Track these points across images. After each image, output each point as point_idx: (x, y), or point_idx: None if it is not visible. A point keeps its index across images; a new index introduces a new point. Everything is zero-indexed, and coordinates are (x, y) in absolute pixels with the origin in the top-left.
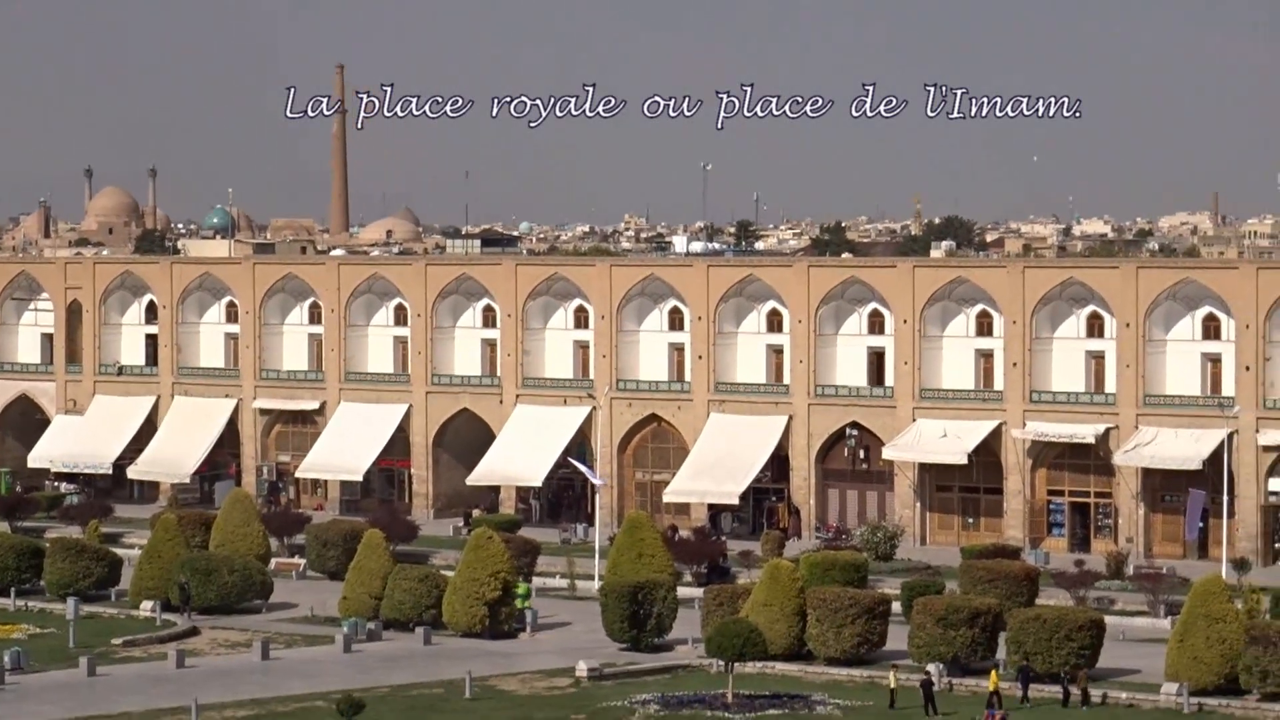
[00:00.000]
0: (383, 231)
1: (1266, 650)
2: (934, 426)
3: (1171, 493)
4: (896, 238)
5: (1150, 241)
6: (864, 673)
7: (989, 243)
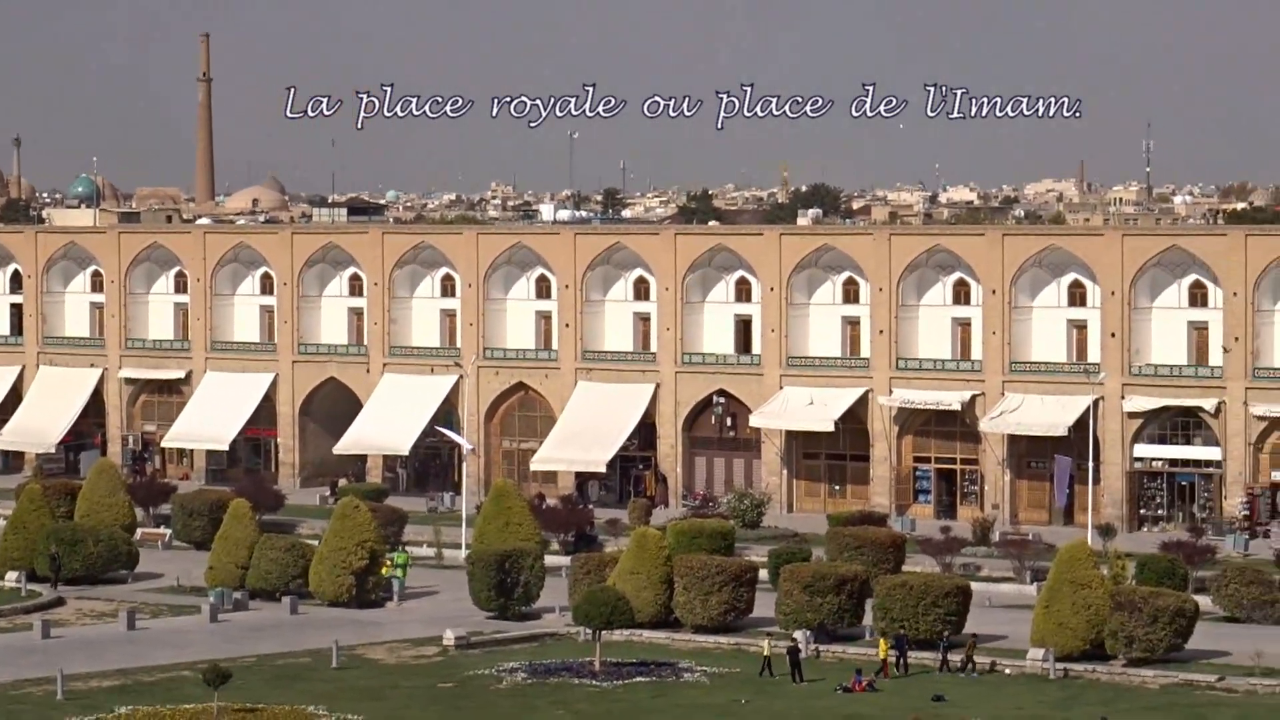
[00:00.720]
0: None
1: (1132, 616)
2: (801, 394)
3: (1037, 459)
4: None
5: (1016, 209)
6: (731, 640)
7: (856, 210)
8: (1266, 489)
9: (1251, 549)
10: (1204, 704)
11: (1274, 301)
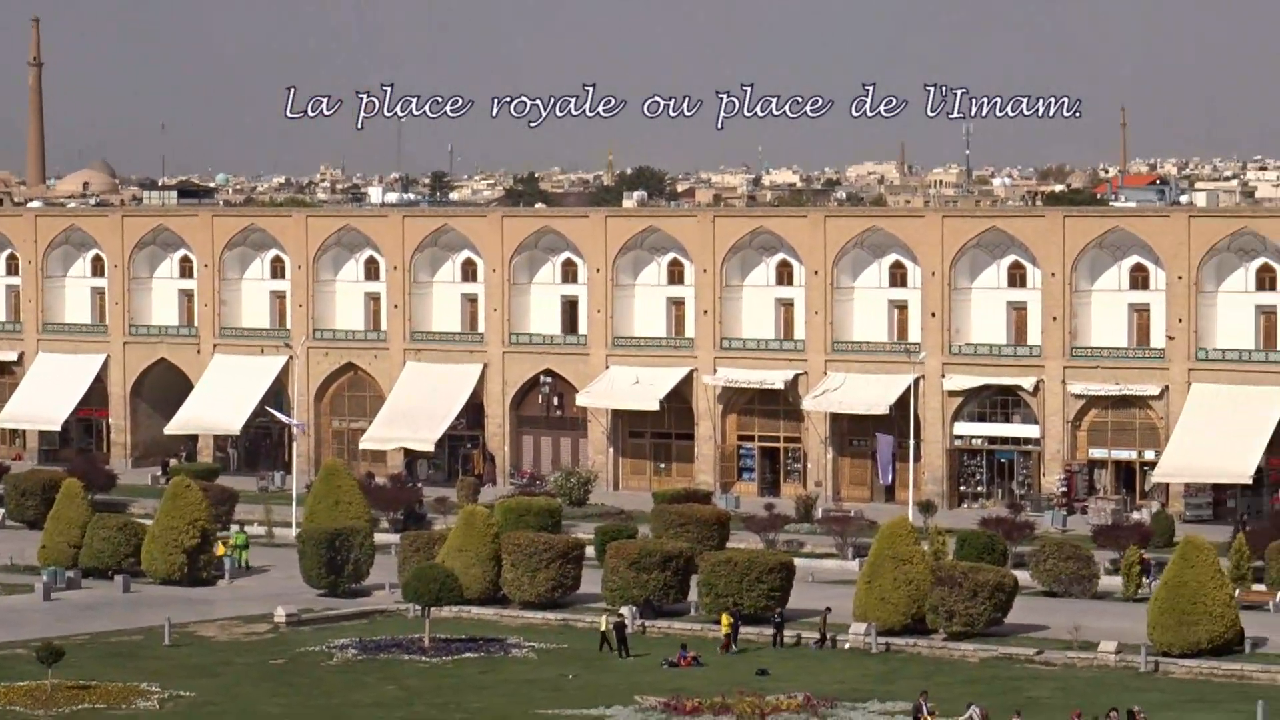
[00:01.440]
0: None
1: (952, 591)
2: (627, 374)
3: (859, 437)
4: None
5: (839, 191)
6: (558, 616)
7: (680, 193)
8: (1084, 466)
9: (1069, 525)
10: (1023, 677)
11: (1091, 282)
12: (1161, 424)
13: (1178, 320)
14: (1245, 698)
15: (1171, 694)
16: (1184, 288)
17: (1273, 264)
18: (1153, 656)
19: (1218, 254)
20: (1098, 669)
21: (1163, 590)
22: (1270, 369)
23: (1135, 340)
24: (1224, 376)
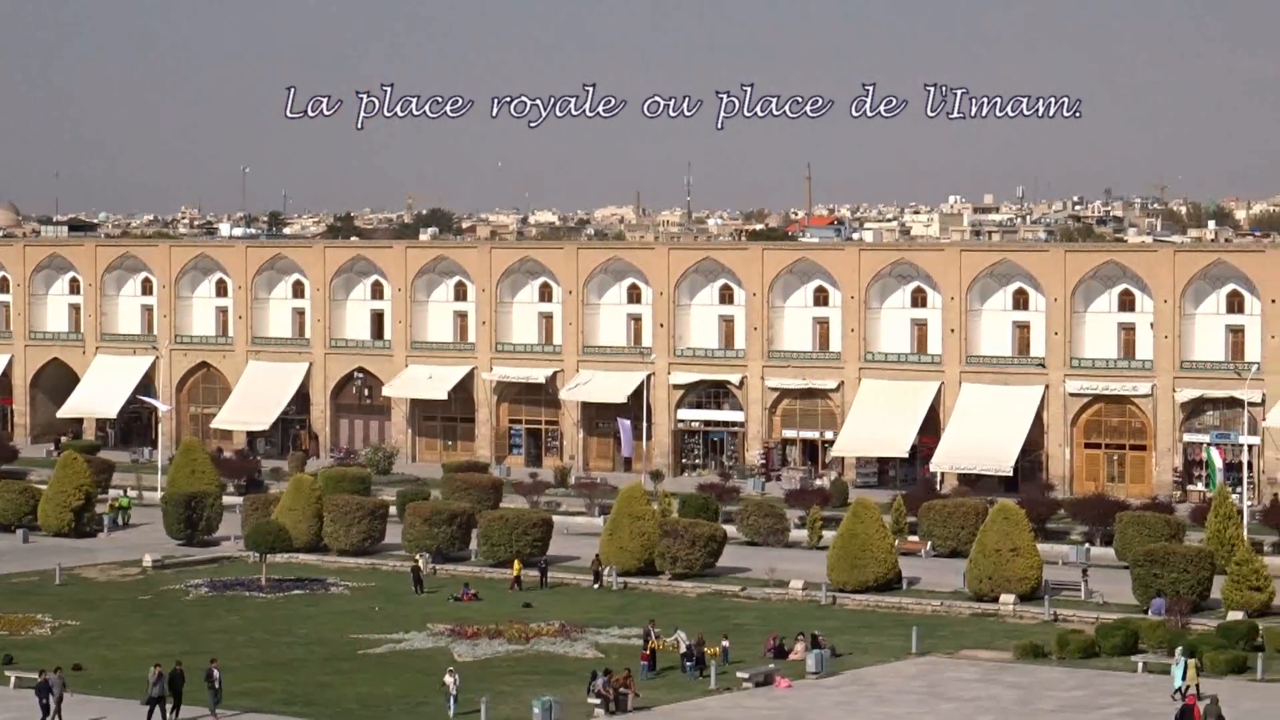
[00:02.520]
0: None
1: (676, 541)
2: (422, 371)
3: (604, 421)
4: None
5: (588, 228)
6: (368, 561)
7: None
8: (778, 444)
9: (767, 490)
10: (730, 609)
11: (784, 300)
12: (838, 410)
13: (850, 330)
14: (903, 624)
15: (845, 622)
16: (856, 305)
17: (924, 286)
18: (831, 592)
19: (881, 278)
20: (789, 602)
21: (839, 540)
22: (922, 368)
23: (818, 345)
24: (886, 374)
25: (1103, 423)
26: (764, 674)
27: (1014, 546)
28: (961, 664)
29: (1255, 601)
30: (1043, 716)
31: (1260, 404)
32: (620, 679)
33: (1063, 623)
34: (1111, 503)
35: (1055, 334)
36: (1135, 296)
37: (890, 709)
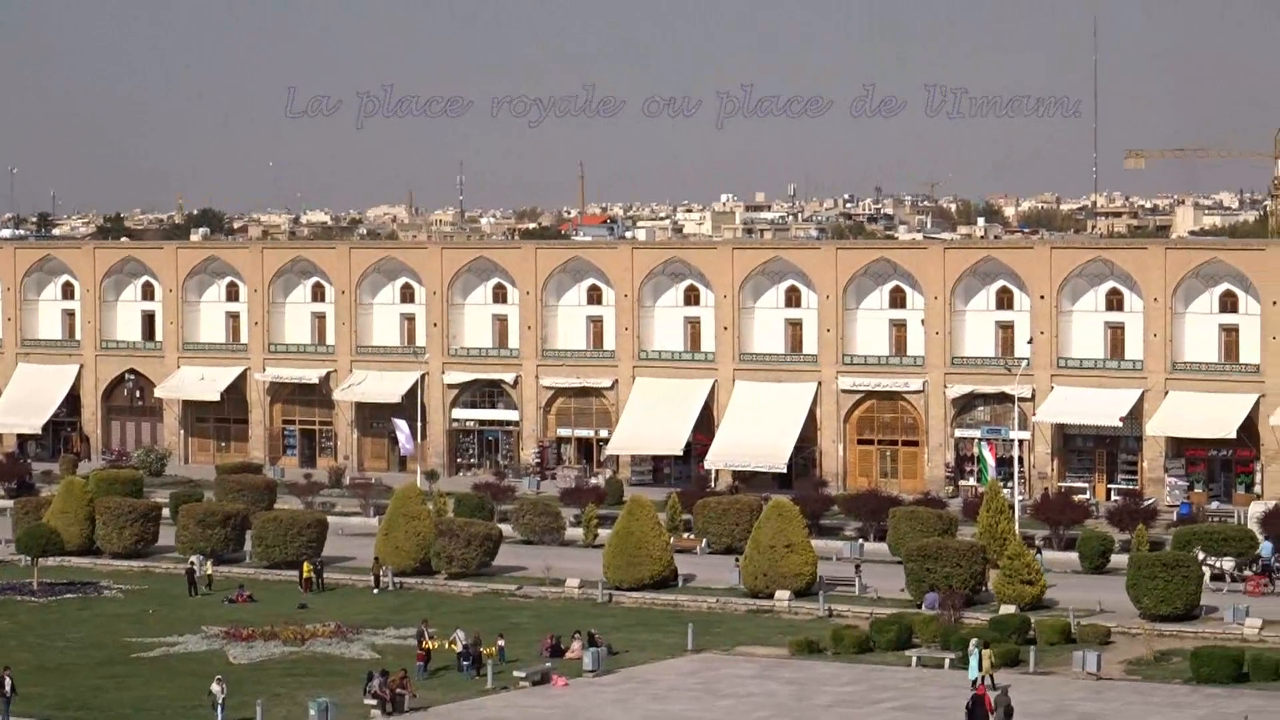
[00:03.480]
0: None
1: (451, 540)
2: (194, 372)
3: (378, 421)
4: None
5: (361, 228)
6: (141, 564)
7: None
8: (553, 442)
9: (542, 488)
10: (507, 607)
11: (558, 298)
12: (613, 409)
13: (624, 328)
14: (679, 622)
15: (622, 619)
16: (630, 303)
17: (697, 285)
18: (607, 590)
19: (655, 277)
20: (565, 600)
21: (615, 538)
22: (695, 366)
23: (592, 343)
24: (660, 372)
25: (875, 419)
26: (541, 673)
27: (788, 543)
28: (737, 660)
29: (1027, 595)
30: (818, 712)
31: (1030, 399)
32: (397, 679)
33: (837, 618)
34: (884, 498)
35: (828, 331)
36: (906, 293)
37: (667, 706)
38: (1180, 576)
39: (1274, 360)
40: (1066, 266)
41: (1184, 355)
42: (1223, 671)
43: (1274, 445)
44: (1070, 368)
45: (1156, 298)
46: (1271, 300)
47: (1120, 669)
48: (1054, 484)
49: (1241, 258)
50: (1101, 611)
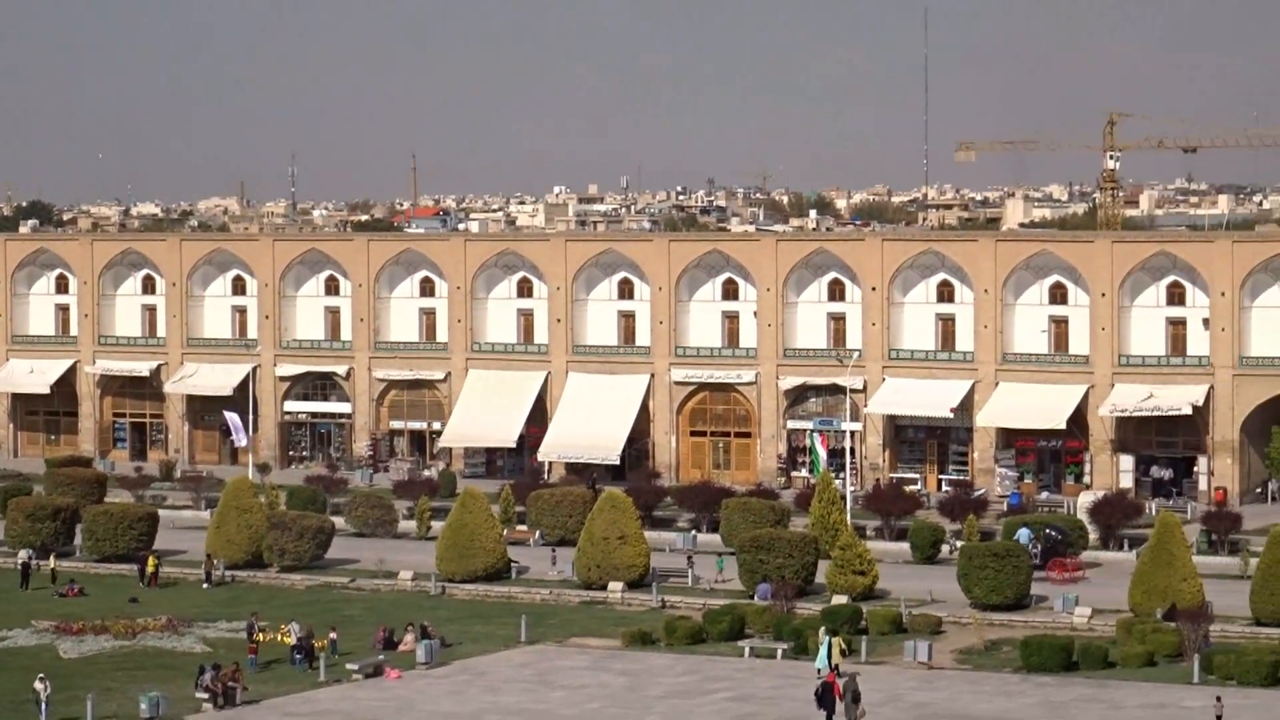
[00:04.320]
0: None
1: (284, 533)
2: (23, 365)
3: (209, 413)
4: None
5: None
6: None
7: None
8: (386, 434)
9: (375, 481)
10: (340, 600)
11: (390, 290)
12: (446, 401)
13: (457, 320)
14: (512, 613)
15: (455, 611)
16: (463, 295)
17: (530, 277)
18: (440, 582)
19: (487, 269)
20: (398, 592)
21: (448, 531)
22: (528, 358)
23: (425, 336)
24: (493, 364)
25: (708, 410)
26: (374, 665)
27: (621, 534)
28: (571, 652)
29: (859, 585)
30: (651, 703)
31: (862, 391)
32: (228, 673)
33: (670, 609)
34: (717, 489)
35: (660, 323)
36: (739, 285)
37: (500, 698)
38: (1010, 566)
39: (1103, 351)
40: (898, 258)
41: (1014, 347)
42: (1052, 660)
43: (1103, 436)
44: (901, 359)
45: (987, 289)
46: (1100, 292)
47: (951, 658)
48: (885, 475)
49: (1071, 250)
50: (933, 601)
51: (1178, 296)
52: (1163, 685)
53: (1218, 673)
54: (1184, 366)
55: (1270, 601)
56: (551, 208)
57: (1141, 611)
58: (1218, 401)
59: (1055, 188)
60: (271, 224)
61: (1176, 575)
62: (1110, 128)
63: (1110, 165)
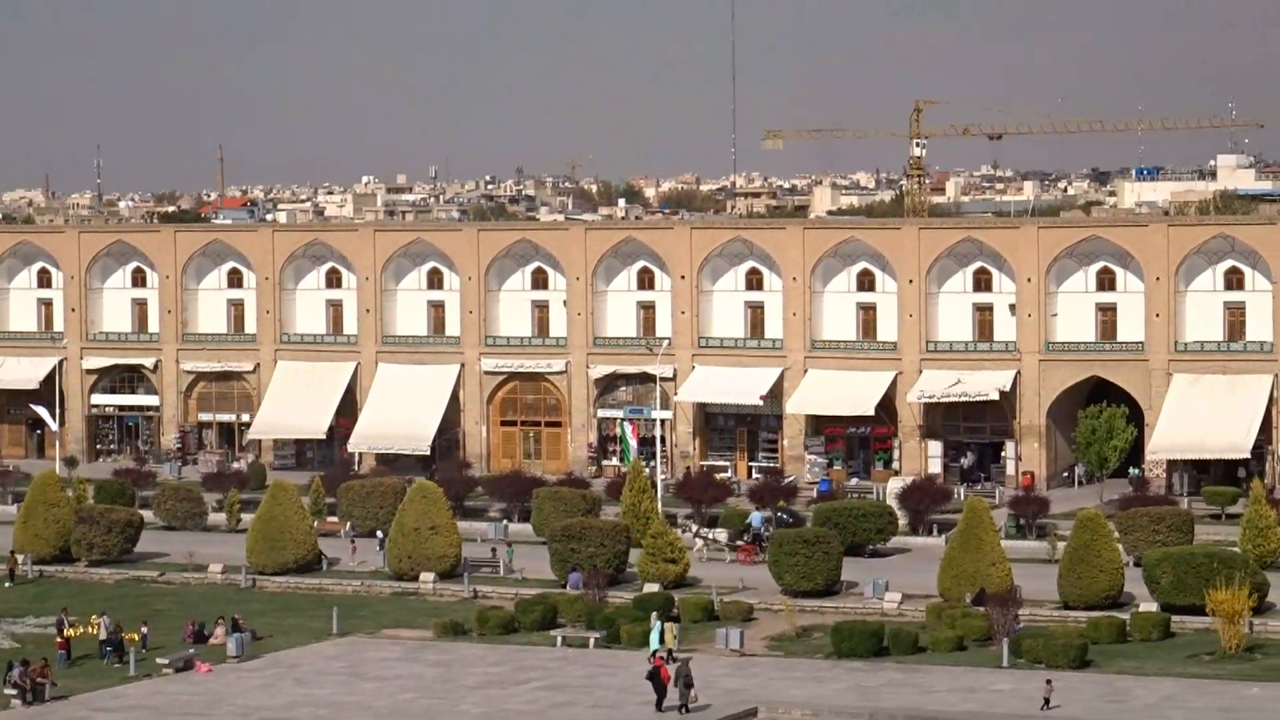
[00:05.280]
0: None
1: (92, 527)
2: None
3: (15, 407)
4: None
5: None
6: None
7: None
8: (195, 427)
9: (184, 473)
10: (150, 594)
11: (198, 281)
12: (255, 393)
13: (266, 311)
14: (324, 605)
15: (266, 604)
16: (270, 286)
17: (338, 267)
18: (251, 575)
19: (295, 260)
20: (209, 585)
21: (258, 523)
22: (338, 349)
23: (233, 327)
24: (302, 355)
25: (519, 400)
26: (184, 659)
27: (433, 525)
28: (383, 643)
29: (670, 573)
30: (464, 693)
31: (672, 379)
32: (37, 669)
33: (482, 599)
34: (528, 479)
35: (470, 312)
36: (548, 274)
37: (312, 690)
38: (821, 553)
39: (910, 338)
40: (706, 247)
41: (823, 334)
42: (863, 646)
43: (911, 422)
44: (711, 347)
45: (795, 277)
46: (908, 279)
47: (763, 645)
48: (696, 463)
49: (878, 237)
50: (744, 589)
51: (984, 283)
52: (972, 669)
53: (1027, 656)
54: (990, 352)
55: (1077, 585)
56: (360, 198)
57: (951, 596)
58: (1024, 387)
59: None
60: (77, 216)
61: (985, 560)
62: (917, 115)
63: (917, 153)
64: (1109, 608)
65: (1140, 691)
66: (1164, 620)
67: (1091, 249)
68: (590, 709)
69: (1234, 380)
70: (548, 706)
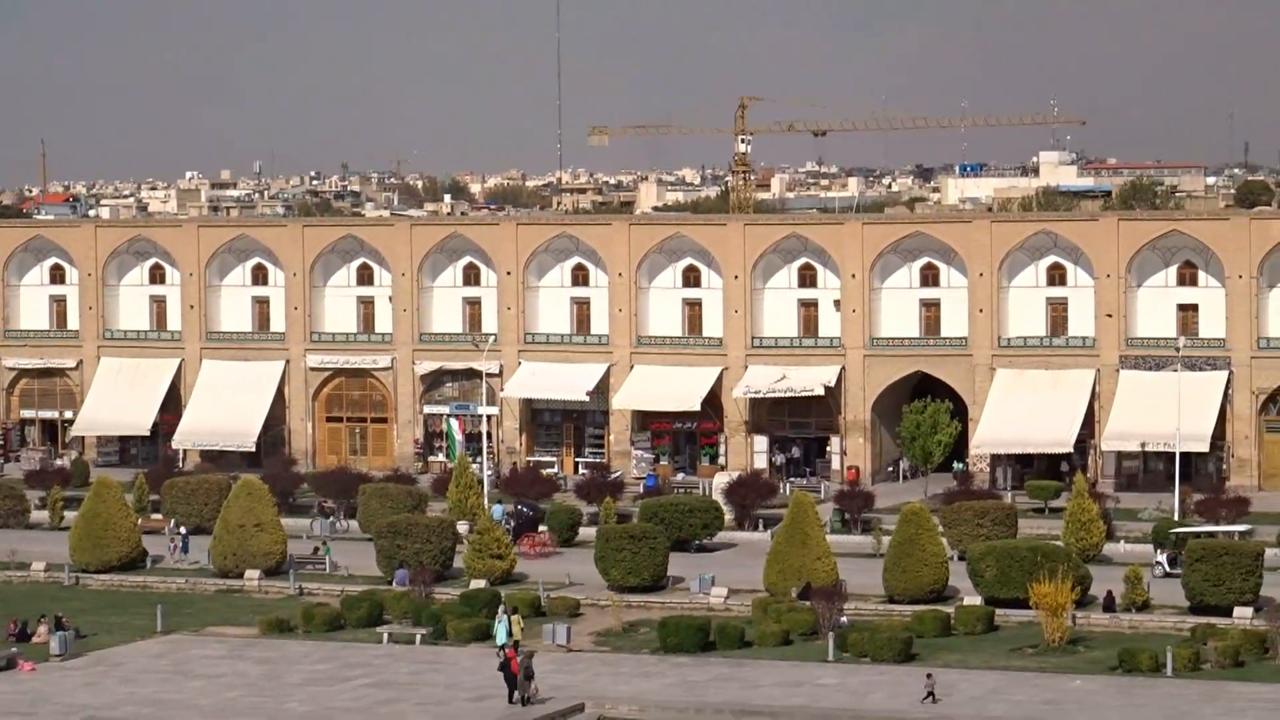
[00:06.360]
0: None
1: None
2: None
3: None
4: None
5: None
6: None
7: None
8: (17, 424)
9: (6, 471)
10: None
11: (19, 279)
12: (78, 389)
13: (89, 307)
14: (148, 603)
15: (90, 602)
16: (93, 282)
17: (161, 263)
18: (74, 573)
19: (119, 255)
20: (31, 583)
21: (81, 520)
22: (161, 345)
23: (55, 324)
24: (126, 352)
25: (344, 396)
26: (6, 658)
27: (258, 522)
28: (208, 641)
29: (497, 569)
30: (290, 690)
31: (498, 375)
32: None
33: (308, 597)
34: (354, 475)
35: (295, 309)
36: (374, 270)
37: (136, 688)
38: (647, 548)
39: (736, 333)
40: (533, 243)
41: (649, 329)
42: (689, 640)
43: (737, 417)
44: (537, 343)
45: (621, 273)
46: (733, 275)
47: (590, 640)
48: (523, 458)
49: (704, 233)
50: (571, 584)
51: (809, 279)
52: (799, 664)
53: (852, 650)
54: (816, 348)
55: (902, 579)
56: (184, 194)
57: (777, 591)
58: (849, 382)
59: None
60: None
61: (811, 554)
62: (742, 112)
63: (742, 149)
64: (933, 601)
65: (965, 685)
66: (988, 614)
67: (915, 245)
68: (416, 706)
69: (1057, 375)
70: (374, 704)
